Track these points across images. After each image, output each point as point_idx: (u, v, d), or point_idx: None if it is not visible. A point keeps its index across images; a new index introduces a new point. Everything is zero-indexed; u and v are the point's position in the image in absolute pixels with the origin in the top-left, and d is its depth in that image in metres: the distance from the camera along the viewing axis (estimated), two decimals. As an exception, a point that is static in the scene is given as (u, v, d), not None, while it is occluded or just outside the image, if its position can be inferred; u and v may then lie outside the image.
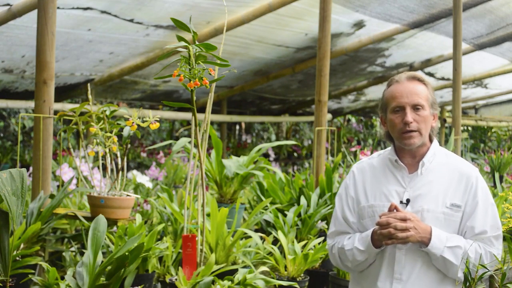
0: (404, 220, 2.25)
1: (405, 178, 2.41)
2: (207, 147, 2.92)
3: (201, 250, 2.86)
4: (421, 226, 2.28)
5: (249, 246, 3.62)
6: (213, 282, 2.70)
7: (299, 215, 4.22)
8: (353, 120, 14.50)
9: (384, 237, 2.28)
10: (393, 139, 2.45)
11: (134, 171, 6.12)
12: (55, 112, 3.82)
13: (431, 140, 2.45)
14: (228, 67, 2.59)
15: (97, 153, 3.64)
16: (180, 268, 2.82)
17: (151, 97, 9.45)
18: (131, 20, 5.78)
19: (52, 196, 3.65)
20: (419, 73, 2.46)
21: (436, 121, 2.44)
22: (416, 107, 2.35)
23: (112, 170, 3.69)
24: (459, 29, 5.93)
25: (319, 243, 3.73)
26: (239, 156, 4.57)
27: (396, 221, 2.26)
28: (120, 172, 3.63)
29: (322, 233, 4.23)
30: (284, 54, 7.93)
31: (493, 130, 12.80)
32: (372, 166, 2.51)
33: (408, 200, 2.36)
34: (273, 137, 13.54)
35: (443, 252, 2.26)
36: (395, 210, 2.30)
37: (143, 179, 5.78)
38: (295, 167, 11.94)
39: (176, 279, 2.84)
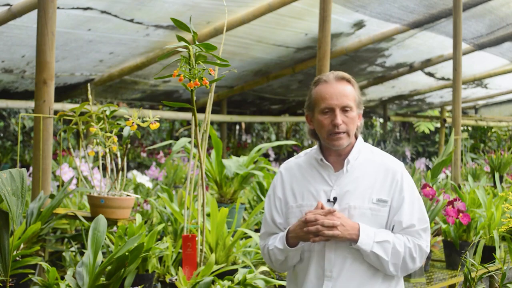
0: (330, 213, 2.26)
1: (331, 176, 2.41)
2: (207, 147, 2.92)
3: (201, 250, 2.86)
4: (349, 223, 2.28)
5: (249, 246, 3.62)
6: (213, 282, 2.70)
7: (299, 215, 4.21)
8: (353, 120, 14.47)
9: (311, 234, 2.28)
10: (318, 138, 2.46)
11: (134, 171, 6.12)
12: (55, 112, 3.82)
13: (356, 137, 2.45)
14: (228, 67, 2.59)
15: (97, 153, 3.64)
16: (180, 268, 2.82)
17: (151, 97, 9.45)
18: (131, 20, 5.78)
19: (52, 196, 3.65)
20: (345, 73, 2.43)
21: (361, 120, 2.45)
22: (345, 109, 2.36)
23: (112, 170, 3.69)
24: (459, 29, 5.93)
25: (319, 243, 3.72)
26: (239, 156, 4.57)
27: (323, 218, 2.26)
28: (120, 172, 3.63)
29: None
30: (284, 54, 7.93)
31: (493, 130, 12.80)
32: (299, 165, 2.52)
33: (335, 198, 2.36)
34: (273, 137, 13.54)
35: (373, 248, 2.27)
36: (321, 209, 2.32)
37: (143, 179, 5.78)
38: (295, 167, 11.92)
39: (176, 279, 2.84)
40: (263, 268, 3.28)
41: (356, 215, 2.33)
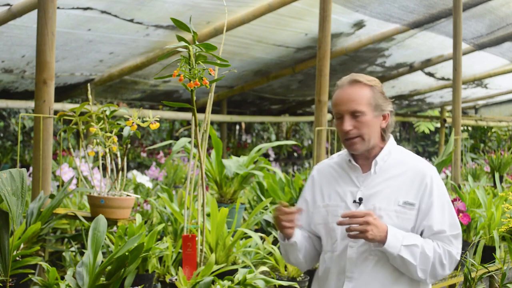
0: (363, 216, 2.25)
1: (359, 177, 2.42)
2: (207, 147, 2.92)
3: (201, 250, 2.86)
4: (380, 224, 2.27)
5: (249, 246, 3.62)
6: (213, 282, 2.70)
7: (299, 215, 4.21)
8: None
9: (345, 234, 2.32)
10: None
11: (134, 171, 6.12)
12: (55, 112, 3.82)
13: (384, 139, 2.43)
14: (228, 67, 2.59)
15: (97, 153, 3.64)
16: (180, 268, 2.82)
17: (151, 97, 9.46)
18: (131, 20, 5.78)
19: (52, 196, 3.65)
20: (361, 75, 2.41)
21: (388, 120, 2.41)
22: (354, 114, 2.34)
23: (112, 170, 3.69)
24: (459, 29, 5.93)
25: (319, 243, 3.72)
26: (239, 156, 4.57)
27: (357, 220, 2.26)
28: (120, 172, 3.63)
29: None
30: (284, 54, 7.94)
31: (493, 130, 12.80)
32: (331, 166, 2.54)
33: (360, 199, 2.37)
34: (273, 137, 13.54)
35: (400, 251, 2.24)
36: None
37: (143, 179, 5.78)
38: (295, 167, 11.95)
39: (176, 279, 2.84)
40: (263, 268, 3.28)
41: (381, 217, 2.32)
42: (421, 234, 2.34)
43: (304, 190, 2.57)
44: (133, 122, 3.08)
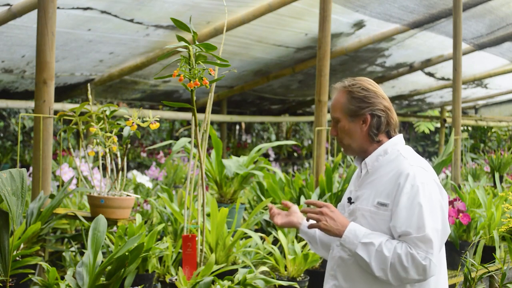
0: (321, 207, 2.33)
1: (358, 178, 2.49)
2: (207, 147, 2.92)
3: (201, 250, 2.86)
4: (341, 219, 2.31)
5: (249, 246, 3.62)
6: (213, 282, 2.70)
7: (299, 215, 4.21)
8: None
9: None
10: None
11: (134, 171, 6.12)
12: (55, 112, 3.82)
13: (374, 140, 2.41)
14: (228, 67, 2.59)
15: (97, 153, 3.64)
16: (180, 268, 2.82)
17: (151, 97, 9.46)
18: (131, 20, 5.78)
19: (52, 196, 3.65)
20: (344, 81, 2.43)
21: (369, 122, 2.37)
22: (336, 120, 2.44)
23: (112, 170, 3.69)
24: (459, 29, 5.93)
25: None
26: (239, 156, 4.57)
27: (314, 209, 2.34)
28: (120, 172, 3.63)
29: (322, 233, 4.22)
30: (284, 54, 7.93)
31: (493, 130, 12.81)
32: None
33: (349, 199, 2.45)
34: (273, 137, 13.54)
35: (357, 248, 2.25)
36: (312, 206, 2.41)
37: (143, 179, 5.78)
38: (295, 167, 11.94)
39: (176, 279, 2.84)
40: (263, 268, 3.29)
41: (359, 217, 2.36)
42: None
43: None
44: (133, 122, 3.08)
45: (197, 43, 2.50)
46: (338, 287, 2.39)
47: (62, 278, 2.91)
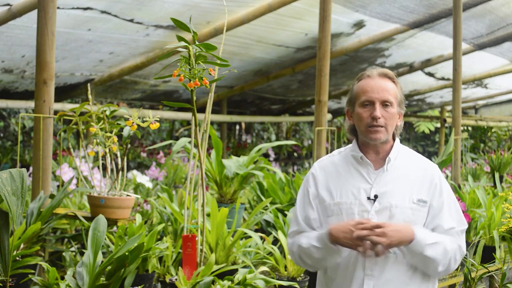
0: (378, 227, 2.24)
1: (370, 174, 2.42)
2: (207, 147, 2.92)
3: (201, 250, 2.86)
4: (399, 227, 2.28)
5: (249, 246, 3.62)
6: (213, 282, 2.70)
7: (299, 215, 4.21)
8: (353, 120, 14.47)
9: (361, 248, 2.28)
10: (356, 134, 2.49)
11: (134, 171, 6.12)
12: (55, 112, 3.82)
13: (393, 138, 2.49)
14: (228, 67, 2.59)
15: (97, 153, 3.64)
16: (180, 268, 2.82)
17: (151, 97, 9.46)
18: (131, 20, 5.78)
19: (52, 196, 3.65)
20: (389, 71, 2.48)
21: (401, 121, 2.49)
22: (385, 104, 2.39)
23: (112, 170, 3.69)
24: (459, 29, 5.93)
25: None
26: (239, 156, 4.57)
27: (373, 234, 2.23)
28: (120, 172, 3.63)
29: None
30: (284, 54, 7.93)
31: (493, 130, 12.81)
32: (334, 163, 2.51)
33: (376, 196, 2.37)
34: (273, 137, 13.54)
35: (424, 250, 2.28)
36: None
37: (143, 179, 5.78)
38: (295, 167, 11.95)
39: (176, 279, 2.84)
40: (263, 268, 3.29)
41: (397, 214, 2.34)
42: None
43: (308, 186, 2.50)
44: (133, 122, 3.08)
45: (197, 43, 2.50)
46: (379, 286, 2.34)
47: (62, 278, 2.91)
